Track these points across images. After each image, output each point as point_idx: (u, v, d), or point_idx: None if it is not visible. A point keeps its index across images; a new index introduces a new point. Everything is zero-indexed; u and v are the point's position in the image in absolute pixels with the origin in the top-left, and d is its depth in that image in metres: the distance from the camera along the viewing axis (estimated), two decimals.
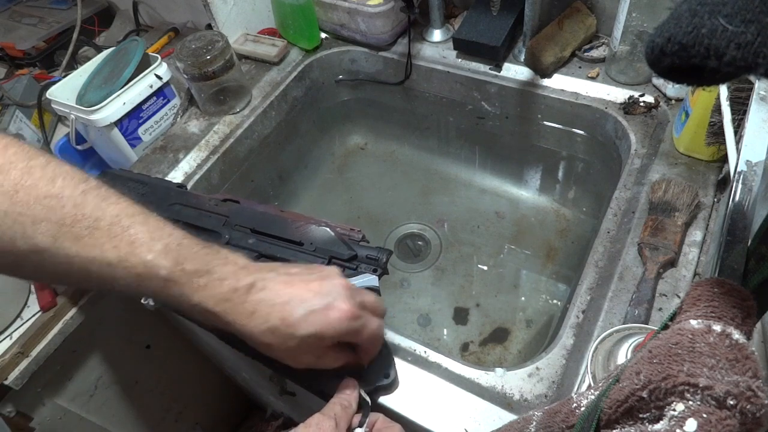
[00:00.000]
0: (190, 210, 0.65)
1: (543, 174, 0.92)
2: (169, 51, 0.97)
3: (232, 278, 0.40)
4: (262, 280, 0.41)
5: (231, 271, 0.40)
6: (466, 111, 0.91)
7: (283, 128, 0.92)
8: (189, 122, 0.85)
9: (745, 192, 0.36)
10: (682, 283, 0.54)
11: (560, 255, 0.82)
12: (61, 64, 1.00)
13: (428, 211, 0.92)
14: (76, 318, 0.70)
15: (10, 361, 0.64)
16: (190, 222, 0.64)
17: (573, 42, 0.78)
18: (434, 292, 0.82)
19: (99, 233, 0.37)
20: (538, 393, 0.50)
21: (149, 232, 0.38)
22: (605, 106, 0.75)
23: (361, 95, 1.00)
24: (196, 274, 0.39)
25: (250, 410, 1.23)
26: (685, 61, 0.21)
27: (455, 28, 0.89)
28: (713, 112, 0.58)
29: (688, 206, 0.58)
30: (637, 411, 0.27)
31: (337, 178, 1.00)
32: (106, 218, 0.37)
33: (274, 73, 0.92)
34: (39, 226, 0.35)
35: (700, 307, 0.27)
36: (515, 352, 0.74)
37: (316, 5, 0.90)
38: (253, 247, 0.60)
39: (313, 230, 0.59)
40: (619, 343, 0.45)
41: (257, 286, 0.40)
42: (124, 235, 0.37)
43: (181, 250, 0.39)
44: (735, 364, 0.24)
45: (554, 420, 0.35)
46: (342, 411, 0.43)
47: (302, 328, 0.39)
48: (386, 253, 0.56)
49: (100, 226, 0.37)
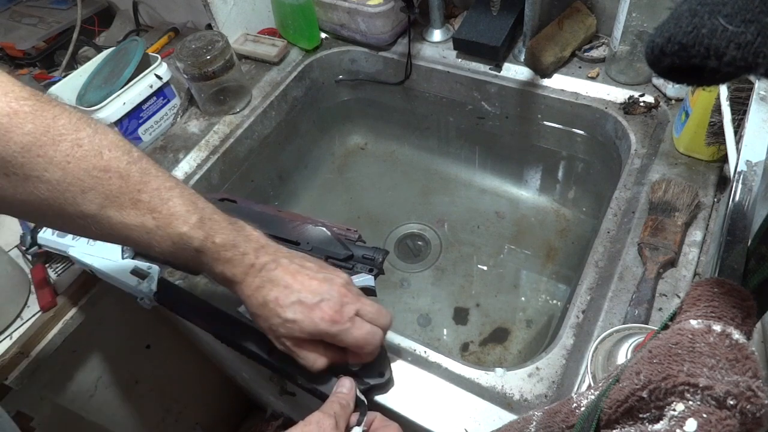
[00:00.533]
0: None
1: (543, 174, 0.92)
2: (169, 51, 0.97)
3: (252, 254, 0.45)
4: (276, 262, 0.45)
5: (252, 248, 0.45)
6: (466, 111, 0.91)
7: (283, 128, 0.92)
8: (189, 122, 0.85)
9: (745, 192, 0.36)
10: (682, 283, 0.54)
11: (560, 255, 0.82)
12: (61, 64, 1.00)
13: (428, 211, 0.92)
14: (76, 318, 0.71)
15: (10, 361, 0.64)
16: None
17: (573, 42, 0.78)
18: (434, 292, 0.82)
19: (141, 204, 0.41)
20: (538, 393, 0.50)
21: (185, 204, 0.43)
22: (605, 106, 0.75)
23: (361, 95, 1.00)
24: (224, 247, 0.44)
25: (250, 410, 1.23)
26: (685, 61, 0.21)
27: (455, 28, 0.89)
28: (713, 112, 0.58)
29: (688, 206, 0.58)
30: (637, 411, 0.27)
31: (337, 178, 0.99)
32: (148, 191, 0.41)
33: (274, 73, 0.92)
34: (87, 195, 0.39)
35: (700, 307, 0.27)
36: (515, 352, 0.74)
37: (316, 5, 0.90)
38: None
39: (309, 230, 0.60)
40: (619, 343, 0.45)
41: (269, 267, 0.45)
42: (163, 208, 0.42)
43: (212, 225, 0.44)
44: (735, 364, 0.24)
45: (554, 420, 0.35)
46: (341, 409, 0.44)
47: (287, 311, 0.44)
48: (382, 253, 0.56)
49: (142, 198, 0.41)
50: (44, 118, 0.38)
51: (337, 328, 0.44)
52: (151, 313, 0.67)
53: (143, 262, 0.61)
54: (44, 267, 0.71)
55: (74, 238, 0.64)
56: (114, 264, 0.61)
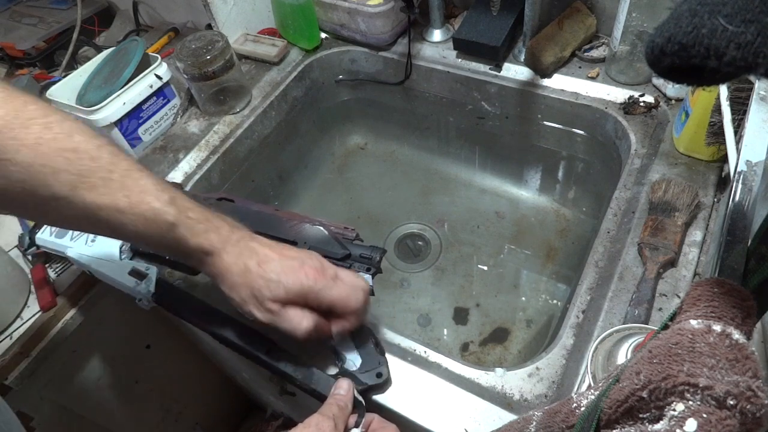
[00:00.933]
0: None
1: (543, 174, 0.92)
2: (169, 51, 0.97)
3: (227, 228, 0.46)
4: (251, 237, 0.48)
5: (227, 225, 0.47)
6: (466, 111, 0.91)
7: (283, 128, 0.92)
8: (189, 122, 0.85)
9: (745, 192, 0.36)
10: (682, 283, 0.54)
11: (560, 255, 0.82)
12: (61, 64, 1.00)
13: (428, 211, 0.92)
14: (76, 318, 0.71)
15: (10, 361, 0.64)
16: None
17: (573, 42, 0.78)
18: (434, 292, 0.82)
19: (113, 183, 0.41)
20: (538, 393, 0.50)
21: (155, 184, 0.43)
22: (605, 106, 0.75)
23: (361, 95, 1.00)
24: (198, 221, 0.45)
25: (250, 410, 1.23)
26: (685, 61, 0.21)
27: (455, 28, 0.89)
28: (713, 112, 0.58)
29: (688, 206, 0.58)
30: (637, 411, 0.27)
31: (337, 178, 0.99)
32: (119, 171, 0.41)
33: (274, 73, 0.92)
34: (59, 176, 0.39)
35: (700, 307, 0.27)
36: (515, 352, 0.74)
37: (316, 5, 0.90)
38: None
39: (307, 229, 0.60)
40: (619, 343, 0.45)
41: (246, 239, 0.47)
42: (135, 186, 0.42)
43: (184, 202, 0.45)
44: (735, 364, 0.24)
45: (554, 420, 0.35)
46: (339, 411, 0.44)
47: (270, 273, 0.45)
48: (380, 252, 0.56)
49: (113, 178, 0.41)
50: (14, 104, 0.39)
51: (321, 284, 0.45)
52: (150, 314, 0.67)
53: (141, 263, 0.60)
54: (44, 267, 0.71)
55: (72, 238, 0.64)
56: (112, 264, 0.61)
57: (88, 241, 0.63)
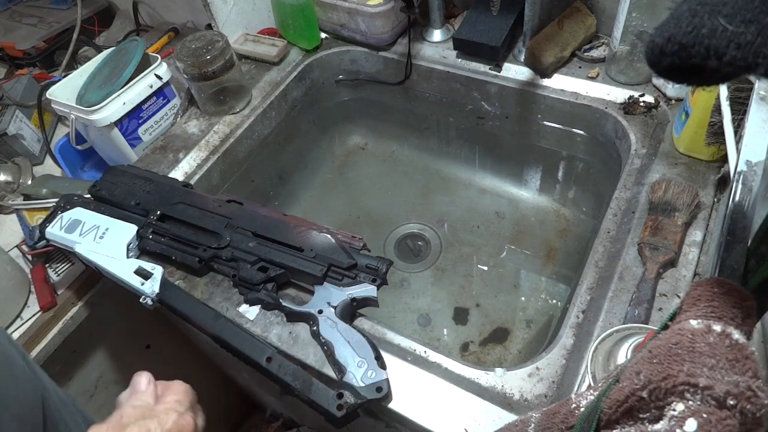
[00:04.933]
0: (193, 210, 0.65)
1: (543, 174, 0.92)
2: (169, 51, 0.97)
3: None
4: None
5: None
6: (466, 111, 0.91)
7: (283, 128, 0.92)
8: (189, 122, 0.85)
9: (745, 192, 0.36)
10: (682, 283, 0.54)
11: (560, 255, 0.82)
12: (61, 64, 1.00)
13: (428, 211, 0.92)
14: (76, 318, 0.71)
15: None
16: (193, 222, 0.64)
17: (573, 42, 0.78)
18: (434, 292, 0.82)
19: None
20: (538, 393, 0.50)
21: None
22: (605, 106, 0.75)
23: (361, 95, 1.00)
24: None
25: (250, 410, 1.24)
26: (685, 61, 0.21)
27: (455, 28, 0.89)
28: (713, 112, 0.58)
29: (688, 206, 0.58)
30: (637, 411, 0.27)
31: (337, 178, 0.99)
32: None
33: (274, 73, 0.92)
34: None
35: (700, 307, 0.27)
36: (515, 352, 0.74)
37: (316, 5, 0.90)
38: (253, 251, 0.60)
39: (314, 236, 0.59)
40: (619, 343, 0.45)
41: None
42: None
43: None
44: (735, 364, 0.24)
45: (553, 421, 0.35)
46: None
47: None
48: (386, 264, 0.56)
49: None
50: None
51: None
52: (151, 313, 0.67)
53: (147, 262, 0.60)
54: (44, 267, 0.71)
55: (81, 234, 0.64)
56: (118, 263, 0.61)
57: (96, 238, 0.63)
